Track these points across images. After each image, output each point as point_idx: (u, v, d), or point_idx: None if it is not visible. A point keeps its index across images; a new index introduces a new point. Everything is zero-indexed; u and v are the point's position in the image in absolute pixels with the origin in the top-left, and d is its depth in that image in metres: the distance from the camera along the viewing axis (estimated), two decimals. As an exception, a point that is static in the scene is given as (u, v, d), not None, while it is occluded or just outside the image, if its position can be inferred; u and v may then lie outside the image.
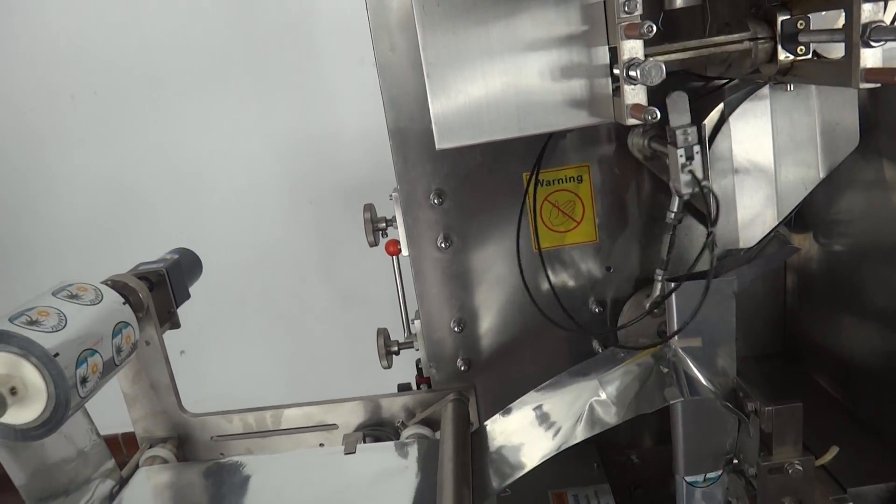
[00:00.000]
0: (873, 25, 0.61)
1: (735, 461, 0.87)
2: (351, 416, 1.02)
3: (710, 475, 0.88)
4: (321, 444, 1.02)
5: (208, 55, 2.09)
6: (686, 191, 0.74)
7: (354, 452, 0.93)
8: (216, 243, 2.16)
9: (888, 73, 0.61)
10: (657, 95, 0.82)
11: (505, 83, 0.66)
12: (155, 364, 0.97)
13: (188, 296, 1.04)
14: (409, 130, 0.95)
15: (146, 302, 0.92)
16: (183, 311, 1.01)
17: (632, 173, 0.99)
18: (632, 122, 0.61)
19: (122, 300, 0.86)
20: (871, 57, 0.62)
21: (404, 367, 1.20)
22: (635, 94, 0.61)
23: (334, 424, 1.02)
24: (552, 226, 1.00)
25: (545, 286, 1.04)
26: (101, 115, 2.15)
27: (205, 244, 1.20)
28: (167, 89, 2.12)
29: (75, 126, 2.16)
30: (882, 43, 0.61)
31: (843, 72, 0.65)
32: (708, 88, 0.94)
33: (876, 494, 0.81)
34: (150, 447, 0.98)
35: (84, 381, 0.75)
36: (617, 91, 0.64)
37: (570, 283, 1.03)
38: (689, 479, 0.88)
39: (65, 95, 2.13)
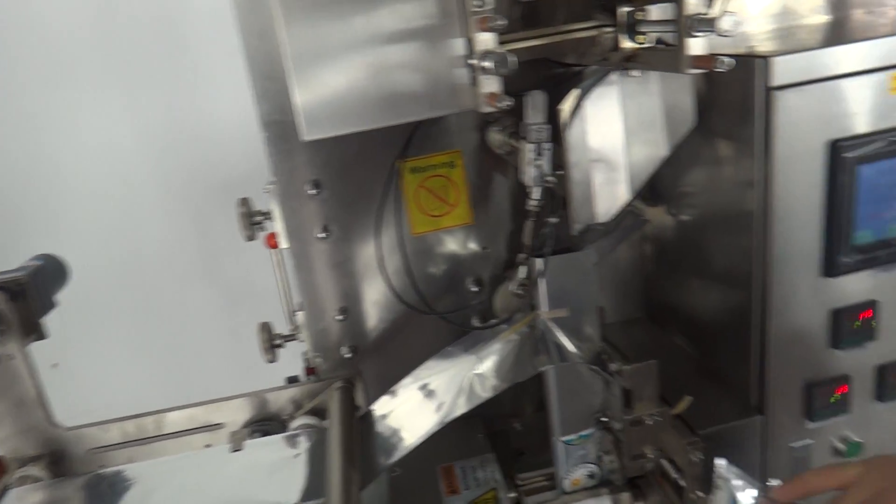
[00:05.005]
0: (698, 17, 0.68)
1: (604, 419, 0.95)
2: (237, 414, 1.01)
3: (583, 433, 0.96)
4: (208, 446, 1.01)
5: (70, 45, 1.95)
6: (532, 184, 0.80)
7: (241, 449, 0.93)
8: (87, 246, 2.04)
9: (710, 61, 0.69)
10: (524, 82, 0.87)
11: (368, 74, 0.68)
12: (20, 379, 0.92)
13: (54, 304, 0.99)
14: (283, 122, 0.94)
15: (6, 314, 0.87)
16: (53, 321, 0.96)
17: (502, 158, 1.03)
18: (488, 109, 0.65)
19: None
20: (696, 46, 0.69)
21: (295, 361, 1.20)
22: (490, 84, 0.65)
23: (220, 424, 1.01)
24: (428, 211, 1.03)
25: (429, 269, 1.08)
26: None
27: (75, 247, 1.14)
28: (27, 80, 1.95)
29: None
30: (706, 33, 0.69)
31: (674, 59, 0.72)
32: (567, 75, 1.00)
33: (721, 433, 0.91)
34: (21, 467, 0.93)
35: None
36: (475, 80, 0.68)
37: (449, 264, 1.07)
38: (564, 439, 0.95)
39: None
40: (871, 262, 0.88)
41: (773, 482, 0.71)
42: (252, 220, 1.01)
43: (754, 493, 0.71)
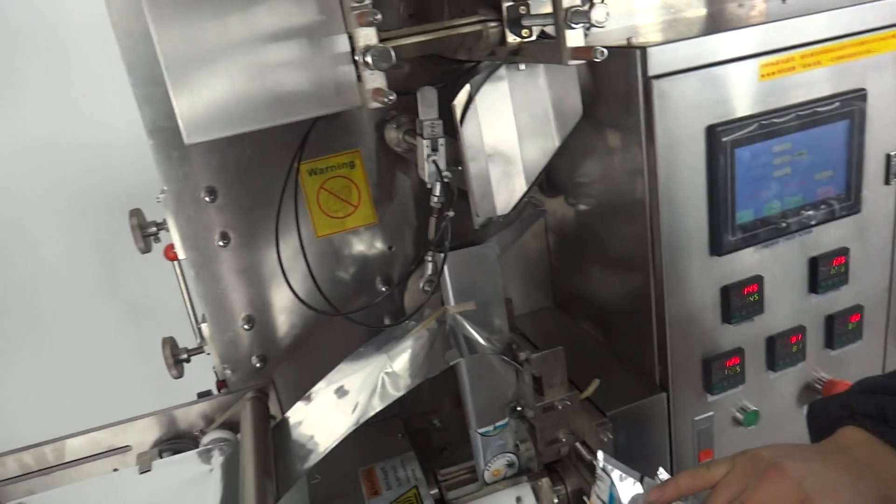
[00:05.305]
0: (573, 10, 0.70)
1: (518, 408, 0.96)
2: (145, 435, 0.97)
3: (499, 424, 0.97)
4: (115, 470, 0.96)
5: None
6: (430, 179, 0.81)
7: (150, 470, 0.89)
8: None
9: (589, 52, 0.71)
10: (420, 79, 0.87)
11: (250, 74, 0.66)
12: None
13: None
14: (171, 128, 0.90)
15: None
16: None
17: (402, 156, 1.04)
18: (374, 105, 0.65)
19: None
20: (574, 37, 0.72)
21: (210, 375, 1.16)
22: (374, 79, 0.65)
23: (127, 446, 0.97)
24: (331, 213, 1.02)
25: (337, 271, 1.06)
26: None
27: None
28: None
29: None
30: (582, 25, 0.71)
31: (556, 51, 0.74)
32: (461, 71, 1.01)
33: (629, 413, 0.94)
34: None
35: None
36: (360, 77, 0.67)
37: (356, 265, 1.06)
38: (481, 431, 0.96)
39: None
40: (754, 239, 0.93)
41: (661, 473, 0.73)
42: (146, 232, 0.97)
43: (633, 482, 0.74)
